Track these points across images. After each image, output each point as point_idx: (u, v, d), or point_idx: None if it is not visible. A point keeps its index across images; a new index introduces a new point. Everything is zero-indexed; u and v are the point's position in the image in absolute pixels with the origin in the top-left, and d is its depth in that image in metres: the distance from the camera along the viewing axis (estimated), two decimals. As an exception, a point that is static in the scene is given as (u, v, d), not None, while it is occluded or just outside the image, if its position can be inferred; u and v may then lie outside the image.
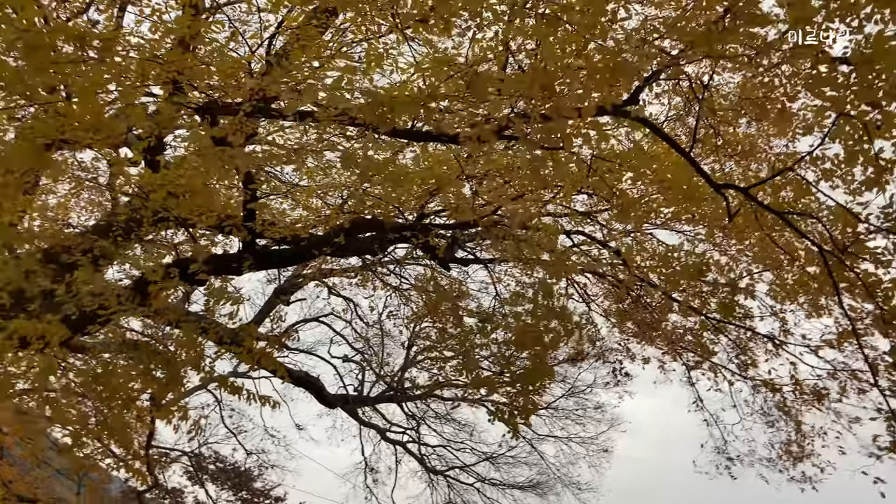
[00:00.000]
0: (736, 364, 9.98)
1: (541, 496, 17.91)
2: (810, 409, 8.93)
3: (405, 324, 14.27)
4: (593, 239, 10.87)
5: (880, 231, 5.98)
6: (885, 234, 6.05)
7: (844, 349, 7.89)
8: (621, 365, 12.59)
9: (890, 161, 5.87)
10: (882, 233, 6.05)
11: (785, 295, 8.04)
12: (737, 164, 9.87)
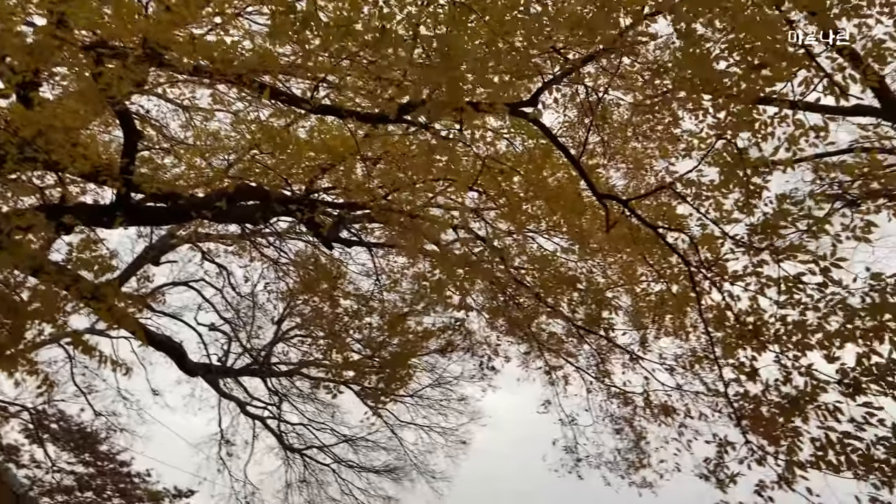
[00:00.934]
0: (594, 371, 10.48)
1: (396, 481, 18.08)
2: (657, 422, 9.50)
3: (279, 298, 14.00)
4: (478, 236, 11.07)
5: (744, 247, 6.33)
6: (746, 252, 6.41)
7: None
8: (489, 360, 12.87)
9: (759, 186, 6.36)
10: (744, 249, 6.41)
11: (646, 311, 8.49)
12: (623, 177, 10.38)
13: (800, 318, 5.20)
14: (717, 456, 6.29)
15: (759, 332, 5.44)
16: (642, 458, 10.34)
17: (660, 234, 7.16)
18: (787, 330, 5.24)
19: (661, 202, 8.63)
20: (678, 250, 6.93)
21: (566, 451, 11.95)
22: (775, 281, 5.49)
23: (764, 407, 5.42)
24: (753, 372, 5.47)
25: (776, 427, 5.22)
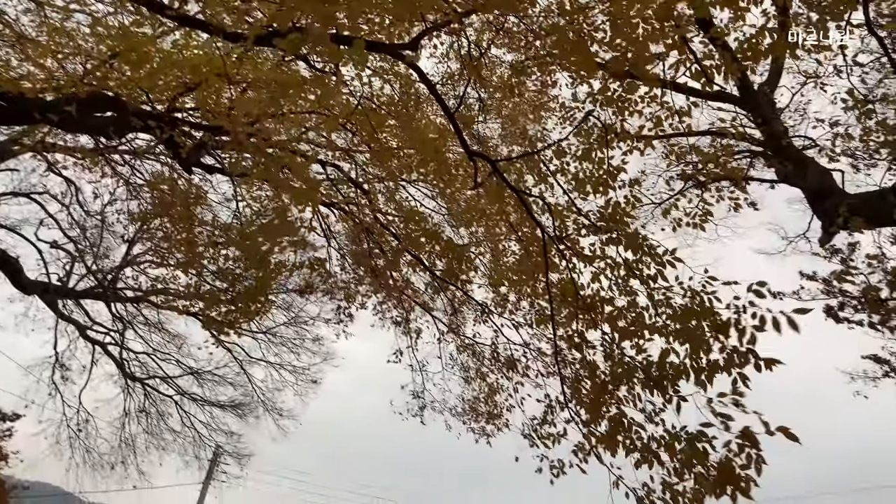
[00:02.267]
0: (448, 322, 10.65)
1: (241, 417, 17.90)
2: (501, 375, 9.82)
3: (130, 220, 13.14)
4: (348, 177, 10.82)
5: (591, 227, 6.55)
6: (595, 231, 6.63)
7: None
8: (347, 303, 12.78)
9: (618, 168, 6.54)
10: (594, 229, 6.64)
11: (503, 270, 8.64)
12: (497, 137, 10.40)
13: (628, 304, 5.42)
14: (543, 416, 6.56)
15: (593, 308, 5.64)
16: (484, 409, 10.70)
17: (522, 199, 7.23)
18: (616, 312, 5.45)
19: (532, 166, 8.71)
20: (536, 218, 7.04)
21: (413, 396, 12.18)
22: (615, 265, 5.69)
23: (588, 381, 5.66)
24: (581, 344, 5.68)
25: (593, 399, 5.47)
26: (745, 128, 11.30)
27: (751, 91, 10.66)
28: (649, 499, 5.10)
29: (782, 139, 10.23)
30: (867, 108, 6.26)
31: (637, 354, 5.35)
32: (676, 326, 4.99)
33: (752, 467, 4.18)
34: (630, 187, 6.28)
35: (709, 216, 6.08)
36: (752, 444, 4.19)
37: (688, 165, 8.57)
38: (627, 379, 5.33)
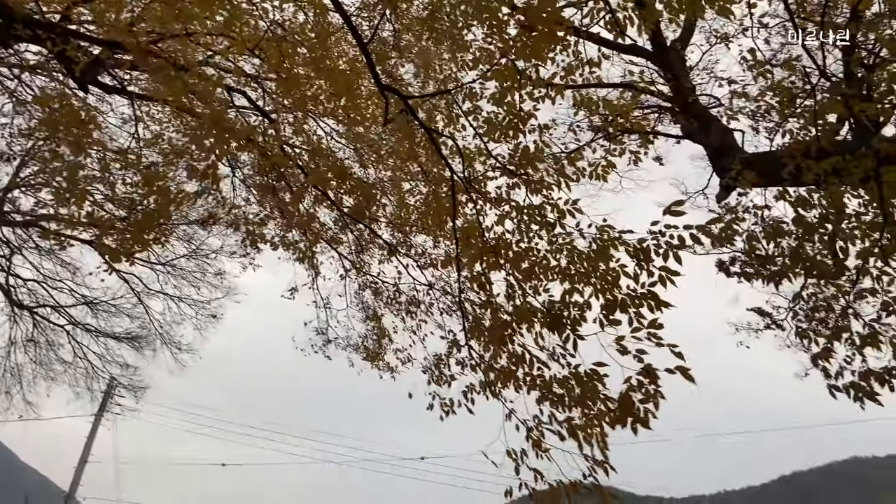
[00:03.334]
0: (353, 260, 10.60)
1: (137, 349, 17.42)
2: (405, 313, 9.91)
3: (17, 138, 12.29)
4: (255, 105, 10.44)
5: (501, 169, 6.59)
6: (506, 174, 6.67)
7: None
8: (252, 236, 12.49)
9: (528, 114, 6.57)
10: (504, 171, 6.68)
11: (412, 209, 8.61)
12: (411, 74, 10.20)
13: (530, 248, 5.53)
14: (445, 354, 6.69)
15: (497, 250, 5.72)
16: (386, 346, 10.79)
17: (433, 139, 7.17)
18: (518, 255, 5.55)
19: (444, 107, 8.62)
20: (447, 158, 7.01)
21: (317, 332, 12.15)
22: (520, 209, 5.77)
23: (490, 320, 5.77)
24: (484, 284, 5.77)
25: (494, 336, 5.59)
26: (655, 83, 11.54)
27: (663, 47, 10.86)
28: (538, 429, 5.30)
29: (689, 96, 10.52)
30: (765, 68, 6.49)
31: (538, 295, 5.48)
32: (581, 268, 5.14)
33: (650, 401, 4.46)
34: (540, 133, 6.31)
35: (612, 167, 6.23)
36: (651, 379, 4.46)
37: (596, 117, 8.70)
38: (528, 318, 5.46)
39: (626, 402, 4.44)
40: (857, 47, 7.99)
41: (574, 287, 4.98)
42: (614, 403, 4.68)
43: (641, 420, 4.53)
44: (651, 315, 4.56)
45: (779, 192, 5.99)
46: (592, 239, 5.03)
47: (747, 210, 6.75)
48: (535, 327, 5.24)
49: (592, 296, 4.84)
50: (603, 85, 10.02)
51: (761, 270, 6.32)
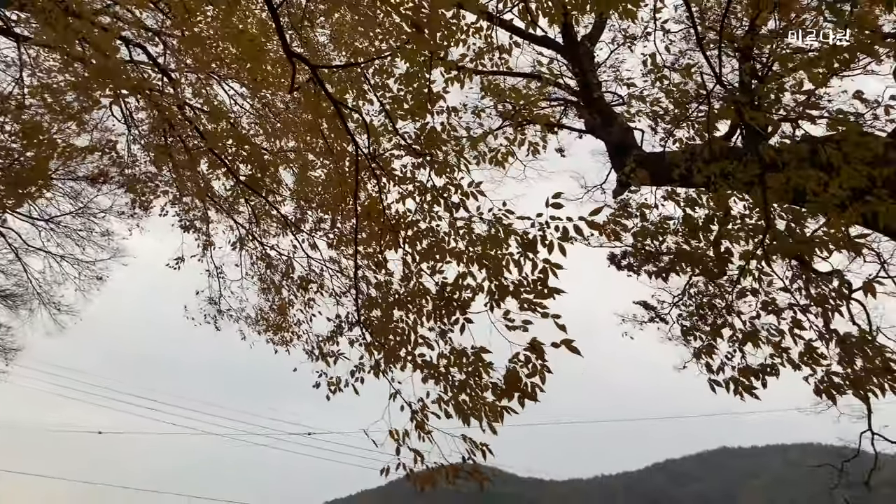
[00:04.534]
0: (248, 230, 10.30)
1: (11, 308, 16.35)
2: (296, 288, 9.71)
3: None
4: (154, 61, 9.94)
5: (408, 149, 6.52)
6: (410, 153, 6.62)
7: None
8: (144, 197, 11.92)
9: (437, 95, 6.53)
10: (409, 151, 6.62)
11: (313, 183, 8.43)
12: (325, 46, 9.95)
13: (430, 229, 5.53)
14: (331, 333, 6.62)
15: (396, 230, 5.69)
16: (278, 320, 10.57)
17: (340, 112, 7.02)
18: (417, 235, 5.54)
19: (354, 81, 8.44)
20: (352, 133, 6.89)
21: (209, 301, 11.77)
22: (423, 189, 5.75)
23: (382, 300, 5.75)
24: (381, 263, 5.74)
25: (385, 317, 5.58)
26: (563, 76, 11.77)
27: (573, 42, 11.07)
28: (422, 411, 5.34)
29: (595, 92, 10.79)
30: (661, 73, 6.74)
31: (433, 276, 5.50)
32: (477, 251, 5.19)
33: (537, 376, 4.57)
34: (448, 115, 6.31)
35: (511, 155, 6.32)
36: (538, 354, 4.58)
37: (502, 105, 8.77)
38: (420, 298, 5.47)
39: (512, 376, 4.53)
40: (752, 58, 8.41)
41: (469, 271, 5.02)
42: (501, 380, 4.77)
43: (529, 394, 4.64)
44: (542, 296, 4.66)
45: (667, 191, 6.24)
46: (490, 224, 5.07)
47: (642, 207, 7.00)
48: (425, 308, 5.26)
49: (485, 280, 4.89)
50: (512, 73, 10.12)
51: (648, 265, 6.57)
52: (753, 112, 4.87)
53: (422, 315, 5.36)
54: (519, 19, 7.00)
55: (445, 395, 5.27)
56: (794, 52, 6.21)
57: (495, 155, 6.43)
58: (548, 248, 4.65)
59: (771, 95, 5.19)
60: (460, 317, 4.98)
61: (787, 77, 5.14)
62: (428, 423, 5.44)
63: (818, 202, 4.83)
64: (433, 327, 5.27)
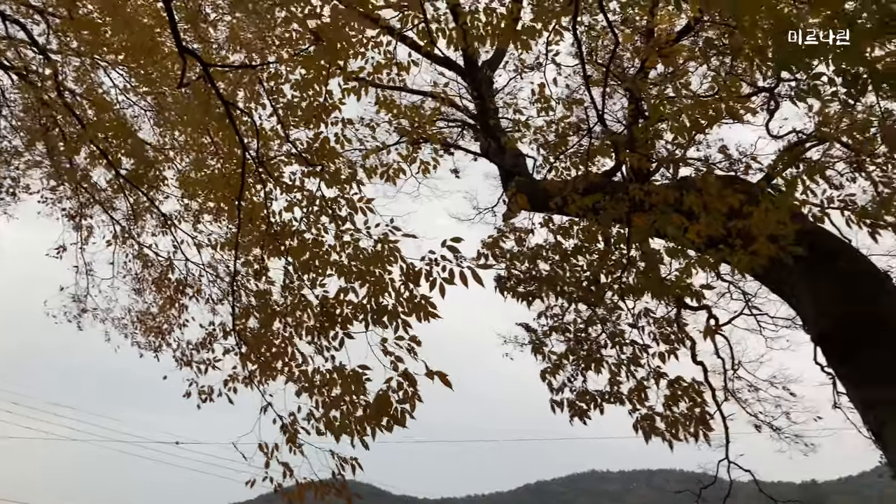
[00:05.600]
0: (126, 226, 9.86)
1: None
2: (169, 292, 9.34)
3: None
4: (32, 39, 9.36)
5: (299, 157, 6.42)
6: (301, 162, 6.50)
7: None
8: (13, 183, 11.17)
9: (333, 105, 6.50)
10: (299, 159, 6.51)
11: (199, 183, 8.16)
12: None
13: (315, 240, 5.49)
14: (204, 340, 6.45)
15: (280, 238, 5.61)
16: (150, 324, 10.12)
17: (229, 112, 6.85)
18: (302, 245, 5.48)
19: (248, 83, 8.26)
20: (241, 135, 6.74)
21: (73, 299, 11.14)
22: (312, 199, 5.71)
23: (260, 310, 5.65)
24: (261, 271, 5.65)
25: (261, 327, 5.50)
26: (462, 98, 11.99)
27: (474, 65, 11.31)
28: (293, 426, 5.29)
29: (490, 117, 11.04)
30: (547, 105, 7.02)
31: (314, 289, 5.45)
32: (360, 268, 5.18)
33: (407, 403, 4.62)
34: (343, 126, 6.30)
35: (403, 173, 6.40)
36: (410, 382, 4.63)
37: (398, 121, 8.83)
38: (300, 311, 5.41)
39: (382, 401, 4.56)
40: (639, 100, 8.88)
41: (351, 286, 5.02)
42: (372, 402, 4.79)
43: (398, 419, 4.68)
44: (421, 324, 4.73)
45: (544, 219, 6.49)
46: (377, 241, 5.09)
47: (520, 232, 7.22)
48: (305, 321, 5.21)
49: (366, 298, 4.90)
50: (410, 90, 10.23)
51: (519, 288, 6.77)
52: (629, 153, 5.15)
53: (301, 328, 5.30)
54: (417, 39, 7.09)
55: (317, 410, 5.23)
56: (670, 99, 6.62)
57: (387, 170, 6.47)
58: (430, 284, 4.72)
59: (648, 138, 5.51)
60: (341, 333, 4.97)
61: (664, 123, 5.46)
62: (299, 437, 5.38)
63: (677, 246, 5.15)
64: (312, 341, 5.23)
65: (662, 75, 9.12)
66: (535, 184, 8.83)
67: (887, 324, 5.66)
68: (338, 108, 6.42)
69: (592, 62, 9.16)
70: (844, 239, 6.70)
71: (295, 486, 5.09)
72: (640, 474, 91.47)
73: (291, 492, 5.05)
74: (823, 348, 6.28)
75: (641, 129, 5.22)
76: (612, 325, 6.19)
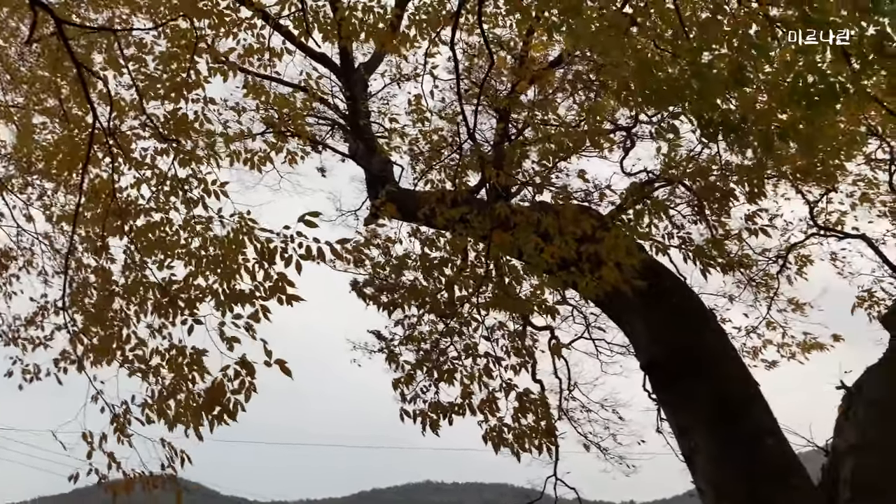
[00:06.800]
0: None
1: None
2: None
3: None
4: None
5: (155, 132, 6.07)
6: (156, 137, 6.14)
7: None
8: None
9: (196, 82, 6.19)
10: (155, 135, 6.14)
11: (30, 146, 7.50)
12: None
13: (164, 220, 5.22)
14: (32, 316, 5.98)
15: (124, 215, 5.26)
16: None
17: (81, 75, 6.34)
18: (148, 225, 5.19)
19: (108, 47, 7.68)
20: (92, 101, 6.25)
21: None
22: (163, 177, 5.42)
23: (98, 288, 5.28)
24: (102, 248, 5.29)
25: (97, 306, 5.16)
26: (335, 97, 11.84)
27: (350, 66, 11.20)
28: (125, 415, 5.00)
29: (362, 120, 10.97)
30: (422, 116, 7.11)
31: (160, 271, 5.15)
32: (211, 252, 4.94)
33: (242, 393, 4.44)
34: (204, 105, 6.01)
35: (269, 161, 6.21)
36: (248, 371, 4.45)
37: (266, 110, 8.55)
38: (142, 293, 5.10)
39: (217, 389, 4.36)
40: (508, 121, 9.15)
41: (200, 270, 4.77)
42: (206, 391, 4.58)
43: (230, 411, 4.51)
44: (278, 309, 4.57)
45: (412, 228, 6.53)
46: (231, 229, 4.88)
47: (387, 240, 7.23)
48: (146, 304, 4.91)
49: (217, 283, 4.67)
50: (281, 81, 9.94)
51: (381, 296, 6.77)
52: (496, 170, 5.29)
53: (142, 310, 4.97)
54: (293, 27, 6.91)
55: (152, 398, 4.95)
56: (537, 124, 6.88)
57: (252, 158, 6.25)
58: (286, 262, 4.56)
59: (513, 159, 5.68)
60: (188, 317, 4.70)
61: (529, 146, 5.67)
62: (130, 426, 5.07)
63: (532, 265, 5.34)
64: (151, 325, 4.93)
65: (532, 101, 9.46)
66: (404, 193, 8.86)
67: (708, 358, 6.16)
68: (201, 86, 6.13)
69: (467, 78, 9.34)
70: (680, 276, 7.21)
71: (122, 478, 4.79)
72: (473, 487, 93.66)
73: (117, 484, 4.73)
74: (650, 375, 6.73)
75: (510, 149, 5.38)
76: (468, 338, 6.31)
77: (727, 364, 6.19)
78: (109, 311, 5.07)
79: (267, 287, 4.58)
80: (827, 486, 6.04)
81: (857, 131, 6.69)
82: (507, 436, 5.77)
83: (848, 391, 6.60)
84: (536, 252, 5.17)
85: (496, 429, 5.78)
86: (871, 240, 9.31)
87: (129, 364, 4.91)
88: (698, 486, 5.87)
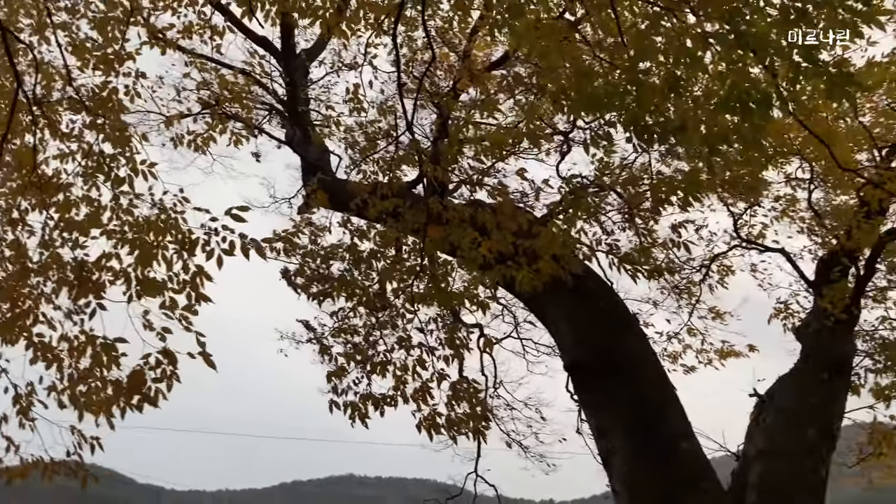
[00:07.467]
0: None
1: None
2: None
3: None
4: None
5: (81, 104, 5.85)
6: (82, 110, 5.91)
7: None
8: None
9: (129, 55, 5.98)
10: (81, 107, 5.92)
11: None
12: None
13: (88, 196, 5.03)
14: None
15: (47, 189, 5.04)
16: None
17: (5, 38, 6.02)
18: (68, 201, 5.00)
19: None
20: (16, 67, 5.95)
21: None
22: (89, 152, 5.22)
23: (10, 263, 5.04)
24: (18, 221, 5.07)
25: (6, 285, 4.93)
26: (274, 81, 11.61)
27: (292, 51, 11.01)
28: (29, 397, 4.80)
29: (300, 107, 10.79)
30: (359, 106, 7.08)
31: (74, 250, 4.96)
32: (131, 235, 4.77)
33: (164, 382, 4.38)
34: (136, 79, 5.82)
35: (213, 141, 6.07)
36: (170, 361, 4.38)
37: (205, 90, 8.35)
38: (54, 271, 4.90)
39: (137, 378, 4.24)
40: (447, 117, 9.16)
41: (116, 252, 4.61)
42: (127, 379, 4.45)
43: (150, 399, 4.40)
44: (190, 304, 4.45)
45: (343, 219, 6.48)
46: (159, 209, 4.73)
47: (316, 229, 7.15)
48: (59, 283, 4.72)
49: (133, 266, 4.52)
50: (221, 63, 9.70)
51: (311, 286, 6.70)
52: (432, 165, 5.30)
53: (58, 290, 4.77)
54: (237, 5, 6.74)
55: (61, 383, 4.75)
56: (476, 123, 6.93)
57: (195, 139, 6.09)
58: (206, 255, 4.45)
59: (452, 154, 5.71)
60: (93, 300, 4.53)
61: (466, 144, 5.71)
62: (34, 409, 4.87)
63: (468, 259, 5.39)
64: (60, 306, 4.74)
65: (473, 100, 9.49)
66: (336, 182, 8.77)
67: (629, 361, 6.33)
68: (133, 59, 5.93)
69: (408, 72, 9.30)
70: (607, 281, 7.38)
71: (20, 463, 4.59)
72: (396, 481, 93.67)
73: (15, 470, 4.53)
74: (573, 376, 6.87)
75: (447, 146, 5.40)
76: (402, 330, 6.32)
77: (647, 368, 6.38)
78: (22, 287, 4.84)
79: (181, 279, 4.45)
80: (736, 490, 6.31)
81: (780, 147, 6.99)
82: (441, 422, 5.82)
83: (760, 398, 6.92)
84: (474, 247, 5.21)
85: (430, 417, 5.81)
86: (790, 254, 9.72)
87: (35, 346, 4.68)
88: (613, 488, 6.02)
